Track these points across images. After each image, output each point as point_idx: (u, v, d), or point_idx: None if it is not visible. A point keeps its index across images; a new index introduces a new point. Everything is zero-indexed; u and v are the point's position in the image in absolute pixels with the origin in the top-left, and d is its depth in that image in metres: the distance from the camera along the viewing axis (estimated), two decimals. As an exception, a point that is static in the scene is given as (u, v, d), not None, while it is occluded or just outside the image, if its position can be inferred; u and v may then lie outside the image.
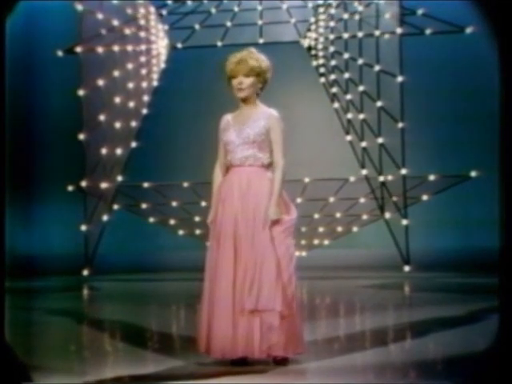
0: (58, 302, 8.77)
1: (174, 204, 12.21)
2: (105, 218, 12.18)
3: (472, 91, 12.23)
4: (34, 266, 12.32)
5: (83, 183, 11.80)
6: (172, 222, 12.38)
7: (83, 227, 11.95)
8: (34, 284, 11.05)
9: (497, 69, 3.67)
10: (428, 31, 11.64)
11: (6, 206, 4.09)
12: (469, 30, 11.23)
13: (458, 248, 12.08)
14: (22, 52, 12.50)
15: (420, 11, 11.59)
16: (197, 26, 12.75)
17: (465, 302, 7.61)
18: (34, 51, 13.21)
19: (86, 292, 10.34)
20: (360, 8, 12.00)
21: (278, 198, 4.49)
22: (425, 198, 11.61)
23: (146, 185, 12.31)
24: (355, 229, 12.11)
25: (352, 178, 12.05)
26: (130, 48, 12.35)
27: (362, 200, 11.97)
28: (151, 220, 12.44)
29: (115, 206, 12.33)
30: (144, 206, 12.31)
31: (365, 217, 11.98)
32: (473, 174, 11.27)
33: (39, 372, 4.44)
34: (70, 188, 11.77)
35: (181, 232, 12.43)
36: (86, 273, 11.84)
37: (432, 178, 11.55)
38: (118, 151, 12.14)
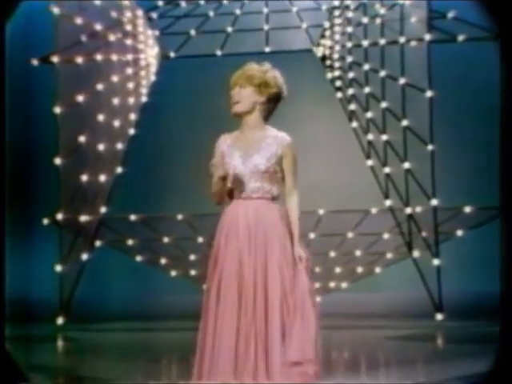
0: (27, 355, 8.65)
1: (166, 240, 12.15)
2: (84, 256, 12.06)
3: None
4: (3, 311, 12.19)
5: (59, 216, 11.71)
6: (163, 260, 12.32)
7: (58, 268, 11.81)
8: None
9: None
10: (461, 37, 11.58)
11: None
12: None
13: (499, 292, 11.91)
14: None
15: (450, 14, 11.53)
16: (192, 32, 12.77)
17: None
18: (6, 59, 13.17)
19: (60, 343, 10.22)
20: (382, 11, 11.97)
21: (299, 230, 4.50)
22: (459, 233, 11.52)
23: (133, 217, 12.26)
24: (378, 269, 12.04)
25: (374, 210, 11.98)
26: (114, 58, 12.36)
27: (386, 235, 11.89)
28: (139, 258, 12.38)
29: (97, 243, 12.26)
30: (130, 241, 12.26)
31: (389, 255, 11.91)
32: (515, 205, 11.12)
33: None
34: (46, 221, 11.70)
35: (173, 273, 12.39)
36: (60, 321, 11.70)
37: (468, 209, 11.46)
38: (102, 178, 12.10)
